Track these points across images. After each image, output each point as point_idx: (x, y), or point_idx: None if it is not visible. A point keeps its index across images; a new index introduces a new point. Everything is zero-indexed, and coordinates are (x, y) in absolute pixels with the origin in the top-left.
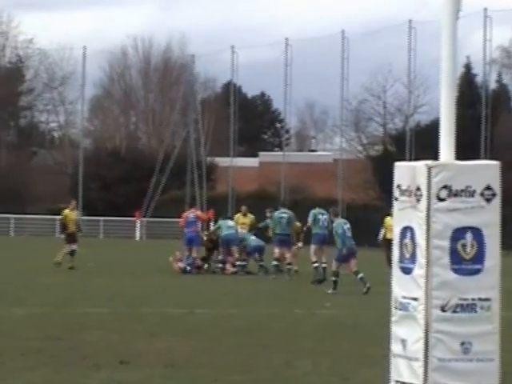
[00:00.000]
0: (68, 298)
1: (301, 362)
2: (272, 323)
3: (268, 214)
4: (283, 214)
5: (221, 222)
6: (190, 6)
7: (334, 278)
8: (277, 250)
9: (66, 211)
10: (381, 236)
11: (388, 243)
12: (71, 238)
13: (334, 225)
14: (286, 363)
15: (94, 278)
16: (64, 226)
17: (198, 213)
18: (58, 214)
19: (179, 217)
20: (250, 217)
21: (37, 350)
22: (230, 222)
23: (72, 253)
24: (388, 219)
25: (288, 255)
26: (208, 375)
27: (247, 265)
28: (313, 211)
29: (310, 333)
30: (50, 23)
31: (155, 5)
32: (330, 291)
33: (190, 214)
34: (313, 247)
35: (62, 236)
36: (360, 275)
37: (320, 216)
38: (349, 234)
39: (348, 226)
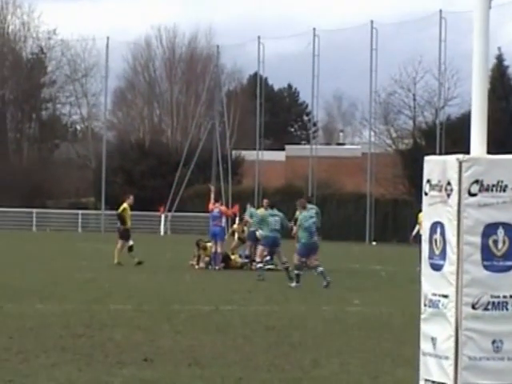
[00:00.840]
0: (93, 295)
1: (329, 361)
2: (300, 321)
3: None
4: (313, 210)
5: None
6: None
7: (296, 272)
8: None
9: (125, 205)
10: (415, 232)
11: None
12: (127, 234)
13: (300, 217)
14: (314, 362)
15: (119, 275)
16: (123, 220)
17: (222, 208)
18: (81, 209)
19: (206, 211)
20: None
21: (60, 348)
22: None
23: (131, 248)
24: (421, 215)
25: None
26: (234, 373)
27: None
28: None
29: (338, 331)
30: (72, 14)
31: None
32: (293, 285)
33: (215, 208)
34: (261, 248)
35: (122, 228)
36: (320, 269)
37: (270, 218)
38: (313, 228)
39: (314, 219)
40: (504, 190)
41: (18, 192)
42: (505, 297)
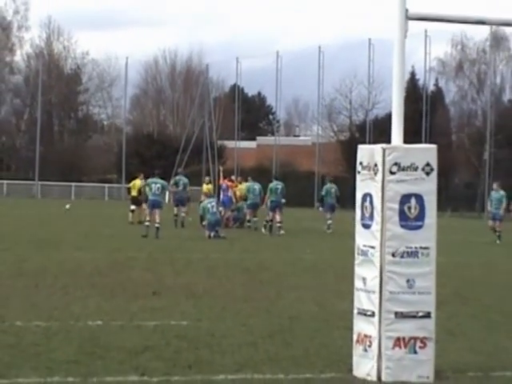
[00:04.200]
0: (115, 245)
1: (289, 294)
2: (267, 265)
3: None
4: (278, 185)
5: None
6: (205, 26)
7: (270, 224)
8: (275, 214)
9: (137, 180)
10: None
11: None
12: (136, 201)
13: (271, 185)
14: (278, 295)
15: (134, 231)
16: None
17: (229, 183)
18: (107, 183)
19: (200, 185)
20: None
21: (91, 284)
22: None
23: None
24: None
25: (279, 217)
26: (219, 303)
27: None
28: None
29: (295, 272)
30: (100, 39)
31: (180, 25)
32: (266, 232)
33: (223, 183)
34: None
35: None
36: (279, 225)
37: (256, 187)
38: (279, 192)
39: (280, 187)
40: (416, 170)
41: (61, 170)
42: (416, 248)
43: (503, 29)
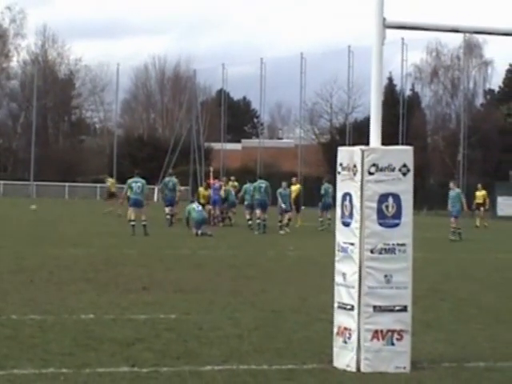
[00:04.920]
0: (109, 242)
1: (273, 289)
2: (252, 261)
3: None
4: (262, 183)
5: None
6: (194, 35)
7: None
8: (257, 211)
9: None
10: None
11: None
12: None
13: (255, 184)
14: (263, 290)
15: (126, 229)
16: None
17: (221, 182)
18: (99, 183)
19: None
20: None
21: (85, 279)
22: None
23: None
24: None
25: (263, 215)
26: (207, 298)
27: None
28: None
29: (279, 268)
30: (93, 46)
31: (170, 34)
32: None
33: (216, 183)
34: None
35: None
36: (264, 223)
37: (263, 185)
38: (262, 190)
39: (263, 186)
40: (393, 171)
41: (56, 171)
42: (393, 244)
43: (476, 36)
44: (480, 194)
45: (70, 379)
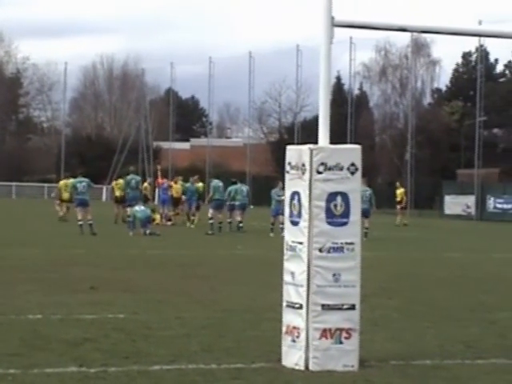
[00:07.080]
0: (57, 242)
1: (222, 288)
2: (202, 260)
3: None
4: (220, 183)
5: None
6: (142, 35)
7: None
8: (238, 213)
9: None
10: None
11: None
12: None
13: (236, 187)
14: (212, 289)
15: (73, 229)
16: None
17: (170, 182)
18: (46, 182)
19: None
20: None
21: (33, 279)
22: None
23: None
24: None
25: (220, 216)
26: (155, 297)
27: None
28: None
29: (228, 267)
30: (41, 45)
31: (118, 34)
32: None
33: (165, 182)
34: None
35: None
36: (240, 225)
37: (244, 188)
38: (244, 194)
39: (243, 188)
40: (341, 170)
41: (2, 170)
42: (342, 243)
43: (423, 36)
44: (399, 191)
45: (18, 380)
